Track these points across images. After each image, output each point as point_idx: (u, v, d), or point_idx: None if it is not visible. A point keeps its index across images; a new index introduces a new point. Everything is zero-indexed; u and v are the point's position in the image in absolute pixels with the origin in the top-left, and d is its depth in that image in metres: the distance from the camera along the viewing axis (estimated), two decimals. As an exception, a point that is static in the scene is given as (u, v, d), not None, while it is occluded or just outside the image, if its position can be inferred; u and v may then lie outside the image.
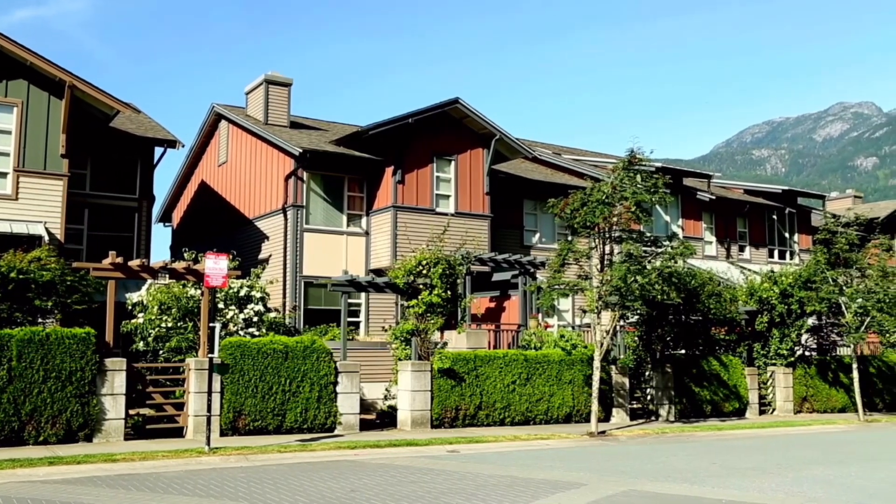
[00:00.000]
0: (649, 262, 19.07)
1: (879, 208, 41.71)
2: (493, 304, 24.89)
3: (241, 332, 18.70)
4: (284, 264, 23.65)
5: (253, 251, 25.14)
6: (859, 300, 23.85)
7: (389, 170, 24.10)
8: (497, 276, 24.18)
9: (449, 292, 19.38)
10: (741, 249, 34.89)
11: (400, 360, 18.93)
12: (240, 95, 28.04)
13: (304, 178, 24.03)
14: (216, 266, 14.34)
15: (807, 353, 26.30)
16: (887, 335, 28.75)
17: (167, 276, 16.93)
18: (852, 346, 24.48)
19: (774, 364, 24.75)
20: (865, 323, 24.06)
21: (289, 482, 10.73)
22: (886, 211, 40.01)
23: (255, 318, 19.30)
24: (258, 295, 19.64)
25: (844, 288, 24.12)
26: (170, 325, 17.88)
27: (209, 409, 13.78)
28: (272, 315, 20.11)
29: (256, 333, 18.79)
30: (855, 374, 24.23)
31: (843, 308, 24.05)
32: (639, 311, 20.30)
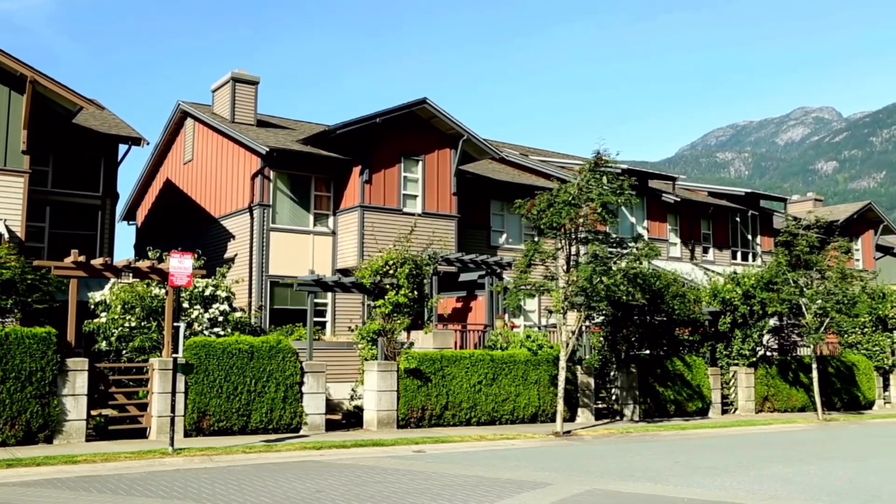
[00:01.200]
0: (615, 263, 19.24)
1: (839, 211, 42.46)
2: (459, 305, 24.95)
3: (206, 332, 18.53)
4: (250, 264, 23.49)
5: (218, 250, 24.93)
6: (819, 301, 24.29)
7: (357, 169, 24.04)
8: (464, 277, 24.24)
9: (416, 292, 19.39)
10: (705, 251, 35.32)
11: (366, 360, 18.90)
12: (206, 93, 27.83)
13: (271, 178, 23.88)
14: (181, 265, 14.21)
15: (768, 354, 26.72)
16: (846, 336, 29.35)
17: (131, 275, 16.73)
18: (812, 346, 24.93)
19: (737, 364, 25.11)
20: (825, 324, 24.52)
21: (254, 483, 10.66)
22: (845, 214, 40.76)
23: (221, 318, 19.14)
24: (223, 294, 19.48)
25: (805, 289, 24.54)
26: (133, 324, 17.67)
27: (173, 410, 13.65)
28: (238, 315, 19.96)
29: (222, 333, 18.64)
30: (814, 374, 24.66)
31: (804, 309, 24.47)
32: (604, 312, 20.49)
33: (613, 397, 22.35)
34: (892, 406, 30.43)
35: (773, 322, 26.17)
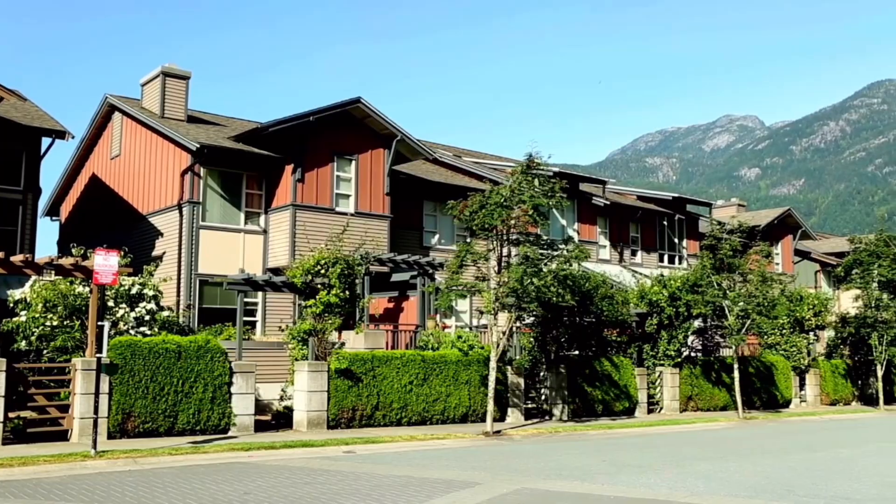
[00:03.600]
0: (545, 264, 19.50)
1: (761, 216, 43.88)
2: (391, 305, 24.95)
3: (133, 332, 18.13)
4: (179, 262, 23.05)
5: (146, 248, 24.40)
6: (741, 304, 25.08)
7: (289, 168, 23.83)
8: (396, 277, 24.25)
9: (347, 292, 19.33)
10: (633, 253, 36.05)
11: (297, 360, 18.75)
12: (135, 87, 27.21)
13: (201, 174, 23.49)
14: (106, 263, 13.88)
15: (693, 354, 27.44)
16: (765, 337, 30.35)
17: (53, 272, 16.24)
18: (734, 347, 25.71)
19: (663, 364, 25.72)
20: (746, 325, 25.32)
21: (179, 486, 10.49)
22: (767, 219, 42.14)
23: (147, 317, 18.74)
24: (151, 293, 19.08)
25: (728, 292, 25.30)
26: (55, 323, 17.16)
27: (96, 411, 13.31)
28: (165, 314, 19.57)
29: (148, 333, 18.24)
30: (736, 374, 25.44)
31: (727, 311, 25.22)
32: (534, 313, 20.75)
33: (543, 397, 22.65)
34: (808, 404, 31.58)
35: (697, 323, 26.90)
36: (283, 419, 18.59)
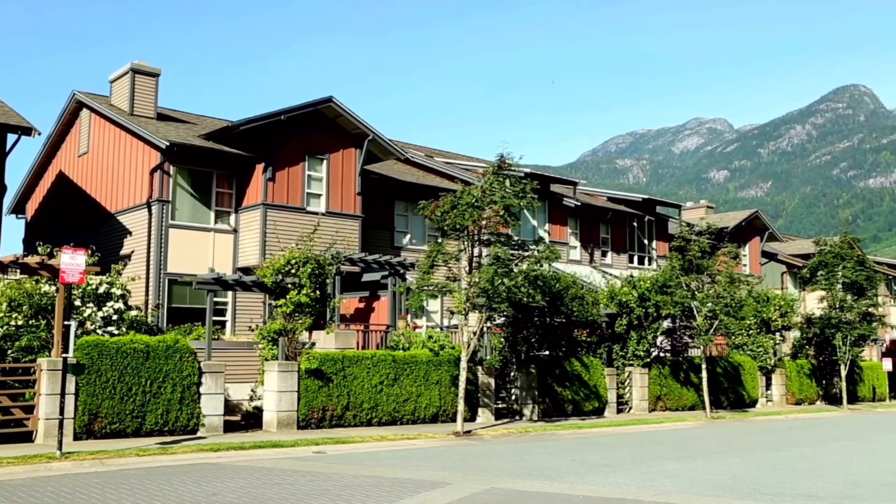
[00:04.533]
0: (516, 265, 19.58)
1: (729, 218, 44.37)
2: (362, 305, 24.90)
3: (100, 331, 17.91)
4: (148, 261, 22.82)
5: (114, 247, 24.11)
6: (709, 304, 25.36)
7: (260, 167, 23.68)
8: (367, 277, 24.20)
9: (318, 292, 19.27)
10: (604, 254, 36.29)
11: (267, 360, 18.65)
12: (104, 83, 26.81)
13: (171, 173, 23.27)
14: (73, 261, 13.71)
15: (661, 355, 27.70)
16: (733, 337, 30.73)
17: (18, 270, 16.02)
18: (702, 347, 26.00)
19: (632, 365, 25.93)
20: (714, 326, 25.60)
21: (147, 487, 10.39)
22: (735, 221, 42.63)
23: (115, 317, 18.53)
24: (119, 292, 18.86)
25: (696, 293, 25.57)
26: (20, 323, 16.89)
27: (62, 412, 13.14)
28: (133, 313, 19.36)
29: (116, 332, 18.04)
30: (704, 374, 25.72)
31: (695, 312, 25.49)
32: (505, 313, 20.82)
33: (513, 397, 22.73)
34: (774, 404, 32.01)
35: (666, 324, 27.17)
36: (252, 419, 18.48)
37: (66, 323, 14.15)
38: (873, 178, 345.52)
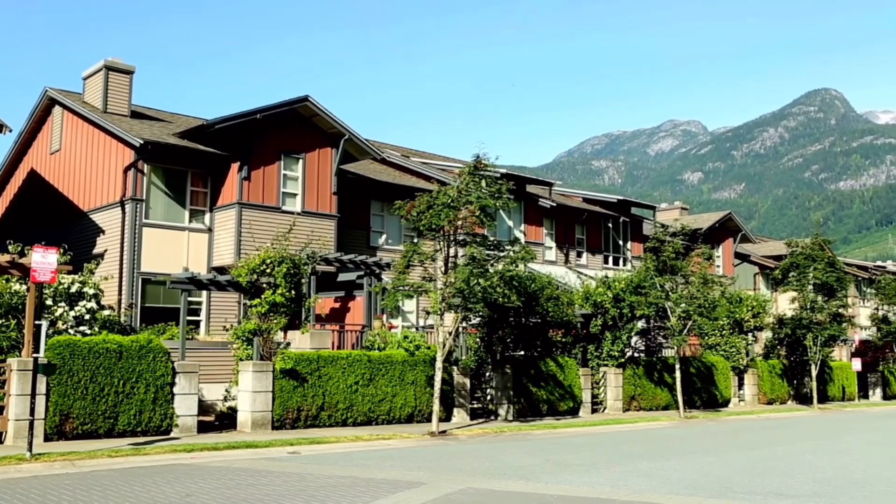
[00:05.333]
0: (492, 265, 19.62)
1: (703, 220, 44.78)
2: (337, 305, 24.84)
3: (72, 331, 17.73)
4: (121, 260, 22.60)
5: (87, 245, 23.86)
6: (683, 305, 25.58)
7: (235, 165, 23.55)
8: (342, 277, 24.14)
9: (293, 292, 19.19)
10: (579, 255, 36.47)
11: (241, 360, 18.55)
12: (77, 80, 26.56)
13: (145, 171, 23.07)
14: (44, 260, 13.54)
15: (636, 355, 27.90)
16: (706, 338, 31.02)
17: (-12, 270, 15.79)
18: (676, 347, 26.21)
19: (606, 365, 26.08)
20: (688, 326, 25.83)
21: (119, 488, 10.30)
22: (708, 223, 43.03)
23: (88, 316, 18.35)
24: (91, 291, 18.68)
25: (670, 293, 25.78)
26: (-10, 322, 16.69)
27: (32, 413, 12.97)
28: (106, 313, 19.18)
29: (88, 332, 17.86)
30: (677, 374, 25.93)
31: (669, 312, 25.69)
32: (481, 313, 20.86)
33: (489, 397, 22.78)
34: (746, 404, 32.35)
35: (640, 324, 27.37)
36: (227, 420, 18.38)
37: (36, 322, 13.97)
38: (844, 180, 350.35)
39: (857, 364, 40.22)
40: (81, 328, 18.05)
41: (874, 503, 10.02)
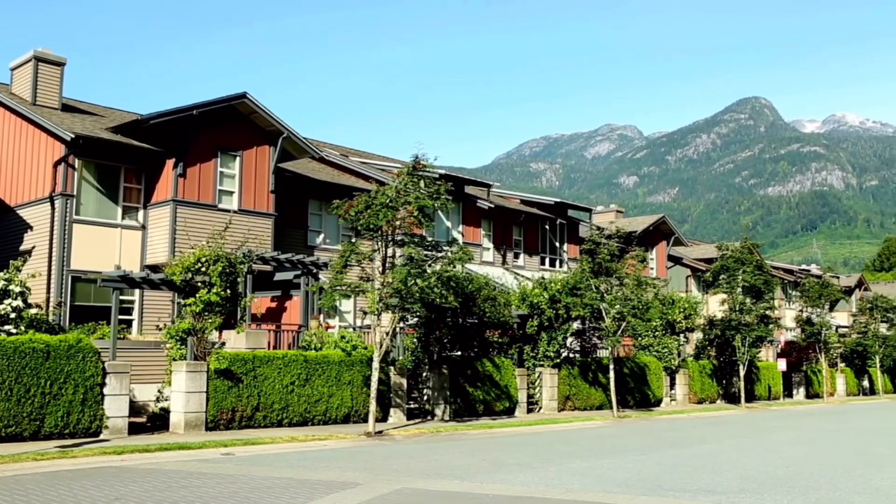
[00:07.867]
0: (430, 265, 19.69)
1: (637, 223, 45.63)
2: (274, 304, 24.58)
3: (-4, 330, 17.17)
4: (50, 257, 21.98)
5: (13, 242, 23.13)
6: (617, 306, 26.04)
7: (170, 162, 23.11)
8: (279, 276, 23.90)
9: (229, 291, 18.94)
10: (516, 256, 36.80)
11: (175, 360, 18.23)
12: (4, 71, 25.71)
13: (76, 166, 22.47)
14: (-32, 257, 13.11)
15: (571, 355, 28.29)
16: (639, 339, 31.66)
17: None
18: (610, 348, 26.67)
19: (542, 365, 26.39)
20: (622, 327, 26.31)
21: (44, 492, 10.03)
22: (643, 226, 43.88)
23: (13, 315, 17.79)
24: (17, 289, 18.12)
25: (605, 295, 26.22)
26: None
27: (-46, 414, 12.56)
28: (33, 311, 18.63)
29: (14, 331, 17.33)
30: (611, 375, 26.39)
31: (604, 313, 26.13)
32: (418, 314, 20.92)
33: (425, 397, 22.84)
34: (678, 403, 33.09)
35: (576, 325, 27.76)
36: (159, 421, 18.03)
37: (-41, 321, 13.53)
38: (772, 186, 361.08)
39: (782, 364, 41.54)
40: (6, 327, 17.50)
41: (796, 497, 10.38)
